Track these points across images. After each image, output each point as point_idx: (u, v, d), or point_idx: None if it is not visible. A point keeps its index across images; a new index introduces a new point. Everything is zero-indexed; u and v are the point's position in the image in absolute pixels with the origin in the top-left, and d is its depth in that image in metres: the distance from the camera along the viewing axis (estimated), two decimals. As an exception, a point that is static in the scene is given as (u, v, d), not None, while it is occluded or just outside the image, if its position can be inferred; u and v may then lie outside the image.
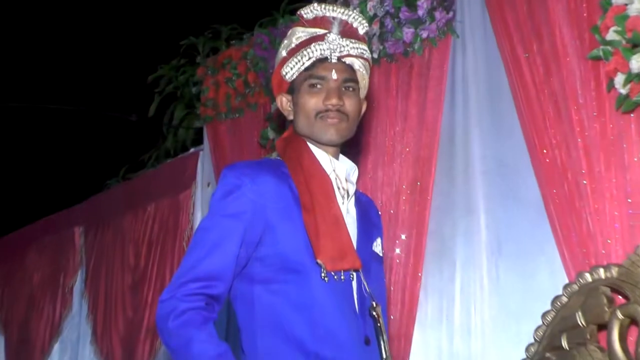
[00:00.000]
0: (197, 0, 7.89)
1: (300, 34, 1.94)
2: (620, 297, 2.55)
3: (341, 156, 1.99)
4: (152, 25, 8.05)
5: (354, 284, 1.84)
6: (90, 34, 8.85)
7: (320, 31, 1.91)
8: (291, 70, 1.93)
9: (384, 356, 1.87)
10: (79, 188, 7.19)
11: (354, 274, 1.85)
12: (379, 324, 1.86)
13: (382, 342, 1.87)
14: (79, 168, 9.11)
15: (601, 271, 2.54)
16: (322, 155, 1.93)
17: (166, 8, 8.06)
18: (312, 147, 1.94)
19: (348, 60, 1.92)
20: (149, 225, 5.46)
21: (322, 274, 1.78)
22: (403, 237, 3.27)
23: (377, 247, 2.01)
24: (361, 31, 1.95)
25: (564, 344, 2.61)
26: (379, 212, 2.18)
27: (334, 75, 1.89)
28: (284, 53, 1.96)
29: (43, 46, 9.06)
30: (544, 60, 2.87)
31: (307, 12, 1.94)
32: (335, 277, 1.79)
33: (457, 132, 3.26)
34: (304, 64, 1.91)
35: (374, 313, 1.85)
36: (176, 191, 5.20)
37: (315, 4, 1.93)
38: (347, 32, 1.92)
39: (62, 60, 9.05)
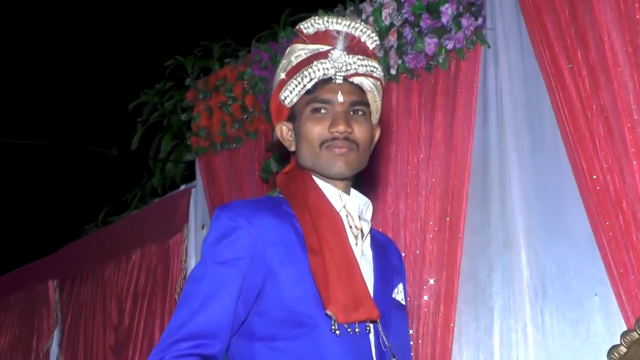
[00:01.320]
0: (183, 14, 7.94)
1: (299, 51, 1.95)
2: (688, 345, 2.55)
3: (353, 190, 2.01)
4: (133, 45, 8.11)
5: (372, 337, 1.85)
6: (63, 54, 8.91)
7: (323, 47, 1.93)
8: (291, 94, 1.95)
9: (409, 422, 1.88)
10: (53, 235, 7.23)
11: (371, 325, 1.85)
12: (401, 384, 1.87)
13: (405, 405, 1.88)
14: (52, 212, 9.14)
15: (665, 316, 2.54)
16: (330, 190, 1.95)
17: (148, 24, 8.11)
18: (319, 182, 1.96)
19: (356, 80, 1.93)
20: (134, 276, 5.48)
21: (333, 327, 1.77)
22: (431, 281, 3.28)
23: (399, 294, 2.02)
24: (371, 46, 1.97)
25: (625, 402, 2.62)
26: (402, 254, 2.19)
27: (340, 98, 1.90)
28: (282, 75, 1.97)
29: (7, 72, 9.14)
30: (591, 71, 2.89)
31: (308, 27, 1.96)
32: (349, 329, 1.79)
33: (491, 157, 3.27)
34: (304, 86, 1.92)
35: (395, 371, 1.86)
36: (165, 236, 5.22)
37: (317, 17, 1.95)
38: (354, 47, 1.94)
39: (30, 87, 9.11)
